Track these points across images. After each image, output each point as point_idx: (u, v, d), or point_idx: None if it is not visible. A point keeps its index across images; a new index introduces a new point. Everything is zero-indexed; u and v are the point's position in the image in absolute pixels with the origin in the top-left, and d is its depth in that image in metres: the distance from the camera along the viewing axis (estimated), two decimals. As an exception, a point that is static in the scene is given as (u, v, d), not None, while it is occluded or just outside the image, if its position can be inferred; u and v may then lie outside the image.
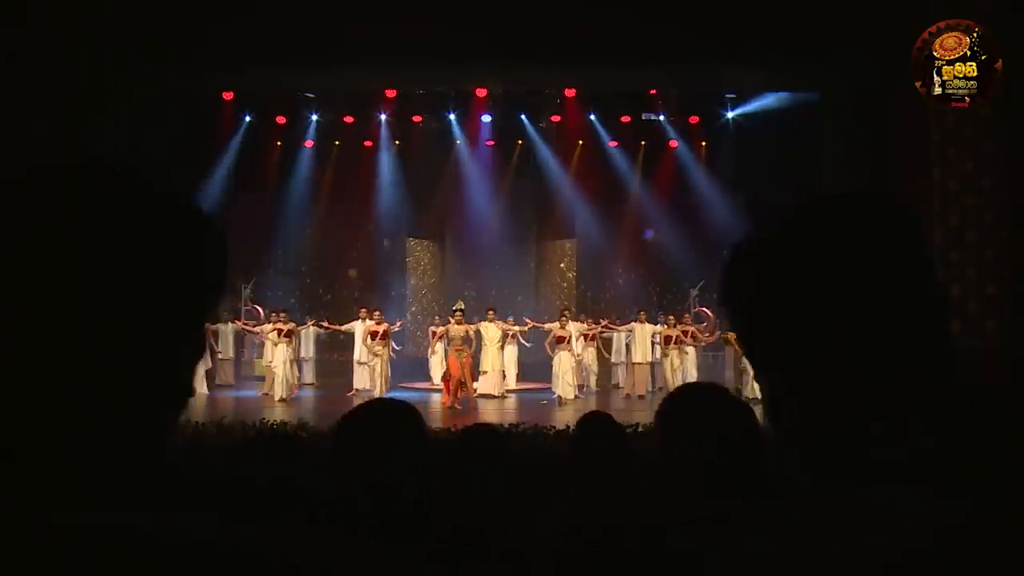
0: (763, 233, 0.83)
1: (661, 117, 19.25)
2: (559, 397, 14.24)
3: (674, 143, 19.77)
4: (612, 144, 20.14)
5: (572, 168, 20.54)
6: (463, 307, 14.39)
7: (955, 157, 13.10)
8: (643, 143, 20.16)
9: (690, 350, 15.47)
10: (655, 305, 19.16)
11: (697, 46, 14.19)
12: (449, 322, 14.55)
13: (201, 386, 14.90)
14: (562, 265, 21.60)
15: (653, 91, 17.95)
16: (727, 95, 17.92)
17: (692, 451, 1.75)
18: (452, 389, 13.46)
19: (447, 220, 21.35)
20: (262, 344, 16.41)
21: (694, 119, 19.16)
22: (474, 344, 14.51)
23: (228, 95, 17.32)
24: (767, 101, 17.11)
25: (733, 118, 18.63)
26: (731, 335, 15.42)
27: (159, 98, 15.87)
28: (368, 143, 19.73)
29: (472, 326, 14.61)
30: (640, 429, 8.71)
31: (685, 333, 15.38)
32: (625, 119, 19.27)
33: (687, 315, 16.79)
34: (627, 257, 20.71)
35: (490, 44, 14.49)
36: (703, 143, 19.86)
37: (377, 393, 13.71)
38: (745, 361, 14.36)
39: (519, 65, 15.36)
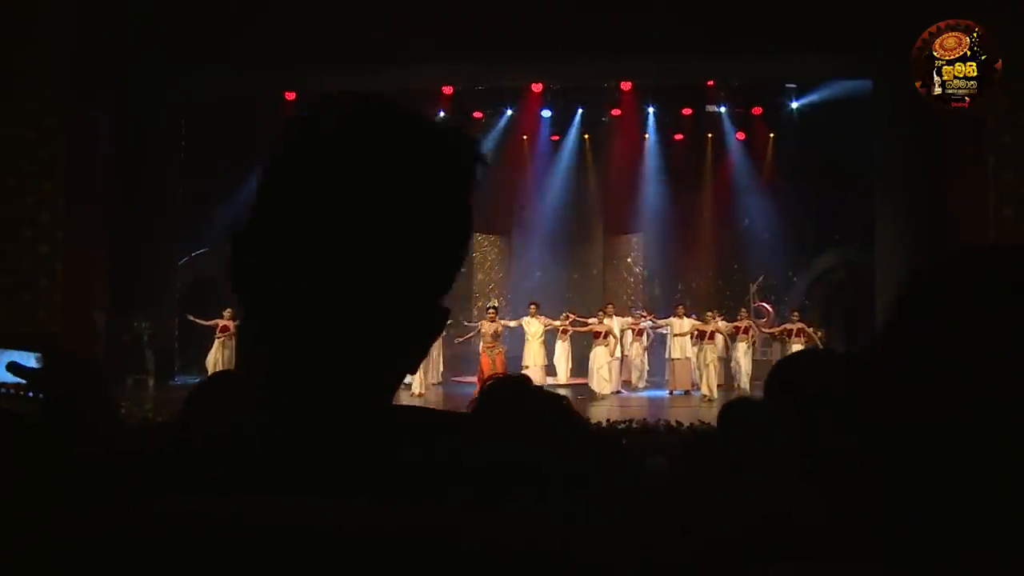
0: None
1: (723, 109, 18.84)
2: (594, 392, 14.15)
3: (741, 135, 19.33)
4: (677, 137, 19.85)
5: (636, 162, 20.30)
6: (496, 305, 14.47)
7: (1011, 144, 12.37)
8: (709, 135, 19.77)
9: (740, 345, 15.12)
10: (727, 300, 18.75)
11: (746, 36, 13.85)
12: (483, 319, 14.60)
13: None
14: (629, 260, 21.36)
15: (711, 82, 17.57)
16: (787, 84, 17.41)
17: None
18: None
19: (513, 215, 21.35)
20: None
21: (757, 110, 18.67)
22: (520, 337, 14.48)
23: (290, 95, 17.81)
24: (827, 90, 16.58)
25: (798, 108, 18.10)
26: (776, 329, 15.03)
27: (223, 98, 16.49)
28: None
29: (512, 322, 14.65)
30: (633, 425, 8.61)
31: (743, 329, 15.05)
32: (687, 112, 18.98)
33: (744, 309, 16.37)
34: (693, 251, 20.31)
35: (545, 38, 14.47)
36: (771, 134, 19.29)
37: (415, 388, 13.79)
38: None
39: (574, 59, 15.28)
